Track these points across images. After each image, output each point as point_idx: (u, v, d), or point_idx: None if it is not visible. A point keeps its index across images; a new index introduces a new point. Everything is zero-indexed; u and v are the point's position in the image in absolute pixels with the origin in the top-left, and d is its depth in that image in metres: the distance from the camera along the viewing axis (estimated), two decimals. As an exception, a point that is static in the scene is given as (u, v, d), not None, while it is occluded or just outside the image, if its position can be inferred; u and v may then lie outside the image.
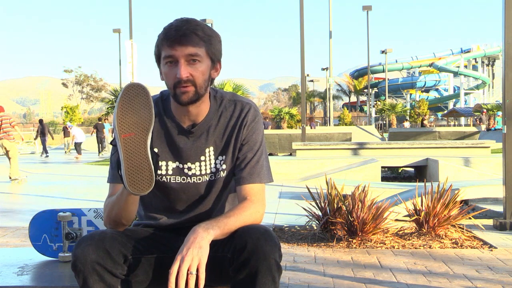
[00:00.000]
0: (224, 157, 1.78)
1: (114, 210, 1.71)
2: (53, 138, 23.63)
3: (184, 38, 1.63)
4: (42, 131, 22.13)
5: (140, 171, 1.54)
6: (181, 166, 1.77)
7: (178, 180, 1.78)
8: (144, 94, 1.57)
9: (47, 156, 20.83)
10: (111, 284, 1.57)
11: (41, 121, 23.61)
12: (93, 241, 1.57)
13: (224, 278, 1.66)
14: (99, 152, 21.98)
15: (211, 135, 1.77)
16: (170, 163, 1.77)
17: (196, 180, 1.78)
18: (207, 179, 1.78)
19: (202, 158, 1.77)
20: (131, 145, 1.54)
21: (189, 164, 1.77)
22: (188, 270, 1.48)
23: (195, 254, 1.49)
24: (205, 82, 1.69)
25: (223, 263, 1.61)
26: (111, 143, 1.65)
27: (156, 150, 1.76)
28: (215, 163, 1.78)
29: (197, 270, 1.49)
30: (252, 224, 1.64)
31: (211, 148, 1.77)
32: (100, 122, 23.15)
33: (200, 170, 1.78)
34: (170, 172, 1.78)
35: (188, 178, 1.78)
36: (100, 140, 22.35)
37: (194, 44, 1.64)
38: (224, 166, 1.78)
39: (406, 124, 34.64)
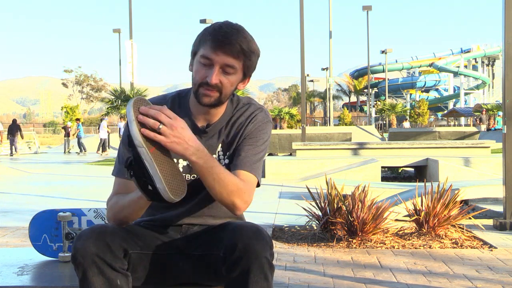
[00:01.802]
0: (228, 153, 1.79)
1: (124, 212, 1.70)
2: (22, 138, 23.37)
3: (229, 47, 1.63)
4: (11, 131, 21.83)
5: (175, 177, 1.55)
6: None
7: (188, 178, 1.78)
8: (149, 104, 1.59)
9: (12, 155, 21.18)
10: (111, 277, 1.56)
11: (14, 120, 23.52)
12: (94, 234, 1.57)
13: (218, 278, 1.68)
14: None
15: (222, 134, 1.79)
16: (180, 160, 1.78)
17: None
18: None
19: (213, 156, 1.78)
20: (160, 156, 1.55)
21: None
22: (160, 125, 1.49)
23: (181, 147, 1.52)
24: (231, 92, 1.71)
25: (216, 262, 1.62)
26: (126, 165, 1.56)
27: None
28: (219, 158, 1.79)
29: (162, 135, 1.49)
30: (243, 223, 1.66)
31: (220, 146, 1.79)
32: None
33: None
34: (180, 169, 1.78)
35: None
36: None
37: (235, 56, 1.64)
38: (227, 161, 1.79)
39: (406, 124, 34.61)
